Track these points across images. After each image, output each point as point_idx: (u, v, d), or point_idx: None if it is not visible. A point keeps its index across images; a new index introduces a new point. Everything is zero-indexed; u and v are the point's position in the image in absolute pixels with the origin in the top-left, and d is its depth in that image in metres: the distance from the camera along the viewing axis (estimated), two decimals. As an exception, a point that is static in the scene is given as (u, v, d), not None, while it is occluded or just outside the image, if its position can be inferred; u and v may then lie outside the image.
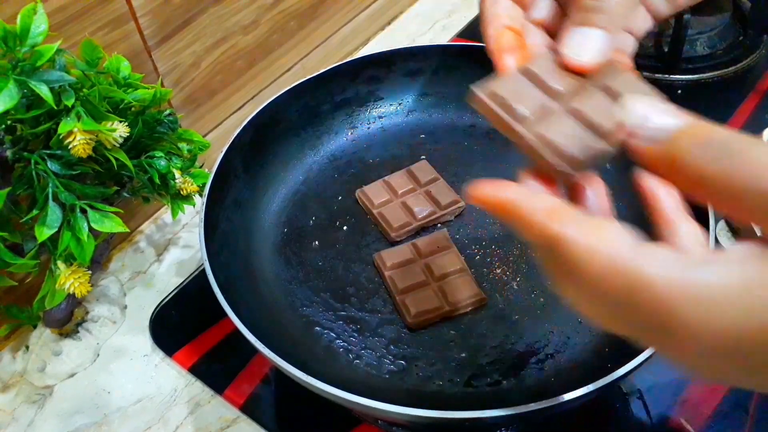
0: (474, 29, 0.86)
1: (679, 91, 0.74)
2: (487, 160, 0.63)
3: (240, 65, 0.67)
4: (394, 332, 0.51)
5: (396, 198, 0.59)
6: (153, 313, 0.58)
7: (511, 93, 0.29)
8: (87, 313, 0.58)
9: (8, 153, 0.43)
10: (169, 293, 0.59)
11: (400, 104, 0.67)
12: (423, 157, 0.63)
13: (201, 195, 0.52)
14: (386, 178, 0.60)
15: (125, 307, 0.59)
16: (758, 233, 0.47)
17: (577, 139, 0.27)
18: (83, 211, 0.43)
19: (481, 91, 0.30)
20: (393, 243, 0.56)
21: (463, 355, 0.49)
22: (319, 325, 0.51)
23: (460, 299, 0.51)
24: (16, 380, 0.54)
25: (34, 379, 0.54)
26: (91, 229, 0.43)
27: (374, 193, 0.59)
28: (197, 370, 0.54)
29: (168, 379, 0.54)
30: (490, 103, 0.29)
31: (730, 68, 0.75)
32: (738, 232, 0.57)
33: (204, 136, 0.64)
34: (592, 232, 0.23)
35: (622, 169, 0.59)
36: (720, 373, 0.22)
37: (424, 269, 0.53)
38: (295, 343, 0.50)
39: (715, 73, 0.75)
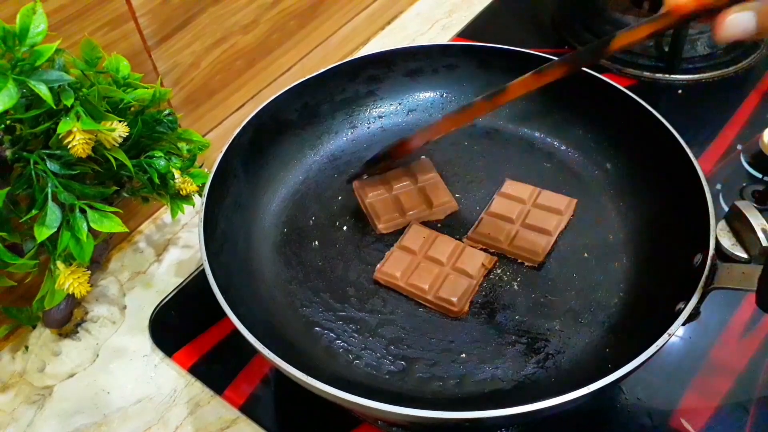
0: (474, 29, 0.86)
1: (679, 91, 0.74)
2: (487, 160, 0.63)
3: (240, 65, 0.67)
4: (394, 332, 0.51)
5: (389, 192, 0.59)
6: (153, 314, 0.58)
7: None
8: (86, 313, 0.57)
9: (7, 153, 0.43)
10: (169, 293, 0.59)
11: (400, 104, 0.67)
12: (423, 157, 0.63)
13: (200, 195, 0.52)
14: (387, 173, 0.61)
15: (125, 307, 0.59)
16: (760, 234, 0.47)
17: None
18: (83, 211, 0.43)
19: None
20: (381, 236, 0.57)
21: (463, 355, 0.49)
22: (319, 325, 0.51)
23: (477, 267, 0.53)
24: (15, 380, 0.54)
25: (33, 379, 0.54)
26: (90, 229, 0.43)
27: (370, 186, 0.60)
28: (197, 371, 0.53)
29: (168, 379, 0.54)
30: None
31: (730, 68, 0.75)
32: (739, 231, 0.57)
33: (203, 135, 0.64)
34: None
35: (622, 169, 0.60)
36: None
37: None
38: (295, 343, 0.49)
39: (715, 73, 0.75)
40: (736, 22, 0.33)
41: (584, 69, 0.60)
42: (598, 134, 0.61)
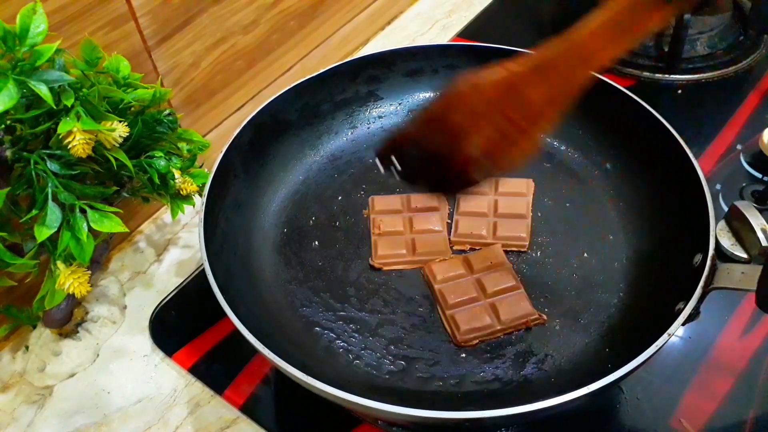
0: (474, 29, 0.86)
1: (679, 91, 0.74)
2: (487, 160, 0.63)
3: (240, 65, 0.67)
4: (394, 332, 0.51)
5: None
6: (153, 314, 0.58)
7: None
8: (87, 313, 0.58)
9: (8, 153, 0.43)
10: (169, 293, 0.59)
11: (400, 104, 0.67)
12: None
13: (201, 195, 0.52)
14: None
15: (125, 307, 0.59)
16: (759, 234, 0.47)
17: None
18: (83, 211, 0.43)
19: None
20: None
21: (463, 355, 0.49)
22: (319, 325, 0.51)
23: (513, 317, 0.50)
24: (15, 380, 0.54)
25: (33, 379, 0.54)
26: (90, 229, 0.43)
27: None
28: (197, 371, 0.53)
29: (168, 379, 0.54)
30: None
31: (730, 68, 0.75)
32: (739, 231, 0.57)
33: (204, 136, 0.64)
34: None
35: (622, 169, 0.60)
36: None
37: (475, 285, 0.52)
38: (295, 343, 0.49)
39: (715, 73, 0.75)
40: None
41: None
42: (598, 134, 0.61)
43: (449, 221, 0.58)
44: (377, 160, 0.42)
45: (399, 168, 0.40)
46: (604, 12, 0.33)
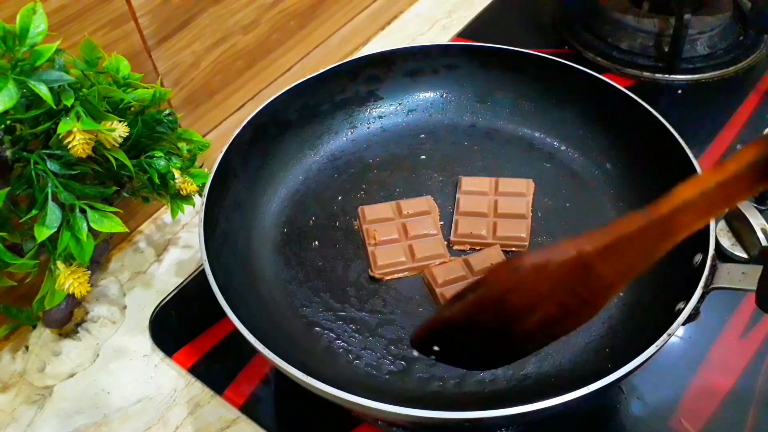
0: (474, 29, 0.86)
1: (679, 91, 0.74)
2: (487, 160, 0.63)
3: (240, 65, 0.67)
4: (394, 332, 0.51)
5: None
6: (153, 314, 0.58)
7: None
8: (87, 313, 0.58)
9: (8, 153, 0.43)
10: (169, 293, 0.59)
11: (400, 104, 0.67)
12: (423, 157, 0.63)
13: (201, 195, 0.52)
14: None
15: (125, 307, 0.59)
16: (760, 234, 0.47)
17: None
18: (83, 211, 0.43)
19: None
20: None
21: (463, 355, 0.49)
22: (319, 325, 0.51)
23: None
24: (15, 380, 0.54)
25: (33, 379, 0.54)
26: (90, 229, 0.43)
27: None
28: (197, 371, 0.53)
29: (168, 379, 0.54)
30: None
31: (730, 68, 0.75)
32: (739, 231, 0.57)
33: (204, 135, 0.64)
34: None
35: (622, 169, 0.60)
36: None
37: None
38: (295, 343, 0.49)
39: (715, 73, 0.75)
40: None
41: (584, 69, 0.60)
42: (598, 134, 0.61)
43: (442, 222, 0.58)
44: (413, 348, 0.39)
45: (437, 353, 0.37)
46: (700, 183, 0.30)
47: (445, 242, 0.56)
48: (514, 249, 0.56)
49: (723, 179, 0.29)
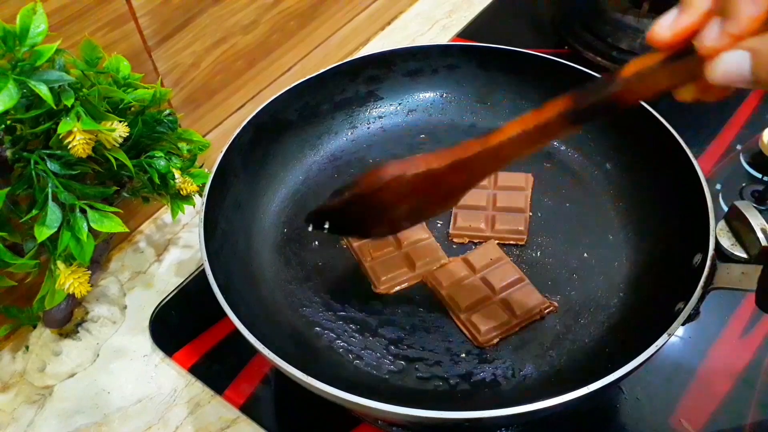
0: (474, 29, 0.86)
1: (679, 91, 0.73)
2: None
3: (240, 65, 0.67)
4: (394, 332, 0.51)
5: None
6: (153, 313, 0.58)
7: None
8: (87, 313, 0.58)
9: (8, 153, 0.43)
10: (169, 293, 0.59)
11: (400, 104, 0.67)
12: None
13: (201, 195, 0.52)
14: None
15: (125, 307, 0.59)
16: (759, 234, 0.46)
17: None
18: (83, 211, 0.43)
19: None
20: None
21: (463, 355, 0.49)
22: (319, 325, 0.51)
23: (526, 309, 0.50)
24: (16, 380, 0.54)
25: (34, 379, 0.54)
26: (90, 229, 0.43)
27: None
28: (197, 370, 0.53)
29: (168, 379, 0.54)
30: None
31: (730, 68, 0.75)
32: (738, 231, 0.57)
33: (204, 136, 0.64)
34: None
35: (622, 169, 0.60)
36: None
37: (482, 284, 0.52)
38: (295, 343, 0.49)
39: (715, 73, 0.75)
40: (727, 63, 0.29)
41: (583, 69, 0.60)
42: (598, 134, 0.61)
43: (440, 222, 0.58)
44: (307, 223, 0.48)
45: (328, 228, 0.47)
46: (520, 124, 0.37)
47: (438, 244, 0.56)
48: (512, 242, 0.56)
49: (539, 123, 0.37)
